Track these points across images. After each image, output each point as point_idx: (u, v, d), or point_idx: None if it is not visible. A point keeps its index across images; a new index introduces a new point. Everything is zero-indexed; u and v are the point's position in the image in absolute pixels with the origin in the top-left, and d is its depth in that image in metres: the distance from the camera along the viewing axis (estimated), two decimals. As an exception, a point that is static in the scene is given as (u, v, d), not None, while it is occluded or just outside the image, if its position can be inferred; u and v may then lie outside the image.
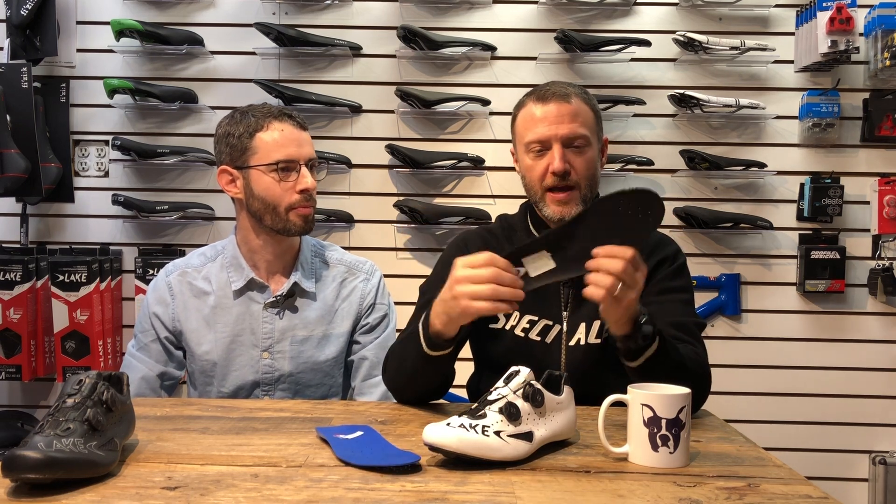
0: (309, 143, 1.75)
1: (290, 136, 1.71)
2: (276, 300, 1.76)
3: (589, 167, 1.57)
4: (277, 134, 1.71)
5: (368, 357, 1.80)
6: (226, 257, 1.80)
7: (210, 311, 1.77)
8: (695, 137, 2.89)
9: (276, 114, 1.73)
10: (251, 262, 1.78)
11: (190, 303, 1.78)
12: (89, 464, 1.01)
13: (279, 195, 1.70)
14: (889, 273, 2.81)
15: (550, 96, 1.57)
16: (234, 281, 1.77)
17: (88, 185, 2.91)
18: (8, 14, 2.72)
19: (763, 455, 1.22)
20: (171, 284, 1.80)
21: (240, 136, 1.72)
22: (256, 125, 1.71)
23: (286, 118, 1.73)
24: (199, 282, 1.79)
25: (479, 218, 2.82)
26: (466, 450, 1.09)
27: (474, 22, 2.90)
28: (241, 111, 1.76)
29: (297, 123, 1.74)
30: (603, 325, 1.57)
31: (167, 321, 1.78)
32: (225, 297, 1.77)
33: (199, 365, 1.78)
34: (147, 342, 1.79)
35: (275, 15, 2.90)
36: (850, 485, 2.85)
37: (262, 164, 1.70)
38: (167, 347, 1.79)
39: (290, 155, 1.70)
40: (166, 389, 1.80)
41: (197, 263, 1.82)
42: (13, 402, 2.90)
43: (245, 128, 1.72)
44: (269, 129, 1.71)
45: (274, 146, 1.70)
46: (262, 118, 1.72)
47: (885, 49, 2.74)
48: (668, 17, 2.89)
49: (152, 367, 1.77)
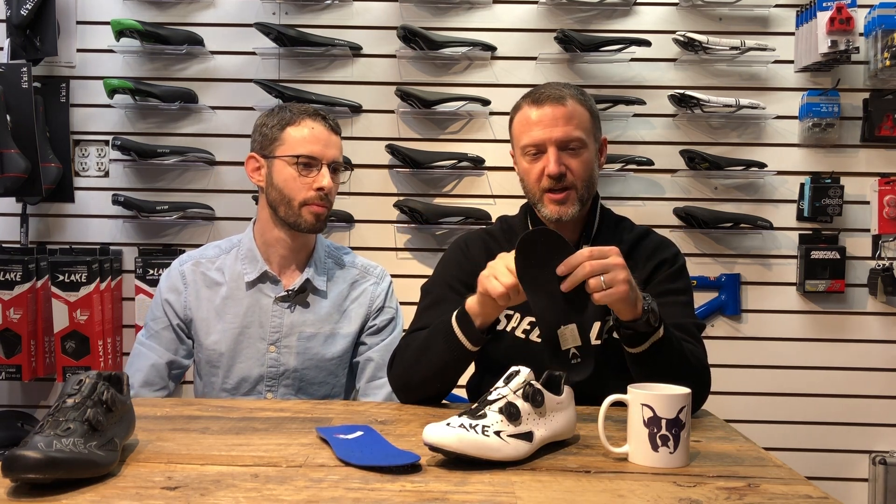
0: (336, 147, 1.79)
1: (318, 134, 1.76)
2: (287, 294, 1.78)
3: (585, 169, 1.58)
4: (307, 131, 1.76)
5: (374, 359, 1.81)
6: (241, 249, 1.84)
7: (221, 302, 1.80)
8: (695, 137, 2.89)
9: (311, 112, 1.79)
10: (266, 256, 1.81)
11: (202, 292, 1.81)
12: (89, 464, 1.01)
13: (296, 189, 1.74)
14: (889, 273, 2.81)
15: (545, 99, 1.57)
16: (247, 273, 1.80)
17: (88, 185, 2.91)
18: (8, 14, 2.72)
19: (763, 455, 1.22)
20: (184, 273, 1.83)
21: (272, 126, 1.78)
22: (290, 119, 1.77)
23: (319, 118, 1.79)
24: (213, 272, 1.82)
25: (479, 218, 2.82)
26: (466, 450, 1.09)
27: (474, 22, 2.90)
28: (281, 106, 1.83)
29: (328, 125, 1.79)
30: (603, 327, 1.57)
31: (179, 309, 1.81)
32: (237, 289, 1.80)
33: (205, 355, 1.80)
34: (158, 329, 1.81)
35: (275, 15, 2.90)
36: (850, 485, 2.85)
37: (286, 156, 1.75)
38: (178, 335, 1.82)
39: (314, 152, 1.75)
40: (174, 379, 1.83)
41: (211, 254, 1.86)
42: (13, 402, 2.90)
43: (279, 120, 1.78)
44: (300, 125, 1.77)
45: (300, 141, 1.75)
46: (296, 114, 1.78)
47: (885, 49, 2.74)
48: (668, 17, 2.89)
49: (162, 354, 1.80)
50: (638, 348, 1.37)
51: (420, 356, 1.50)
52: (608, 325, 1.58)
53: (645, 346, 1.36)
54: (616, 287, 1.29)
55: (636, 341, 1.37)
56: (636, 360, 1.39)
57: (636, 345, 1.37)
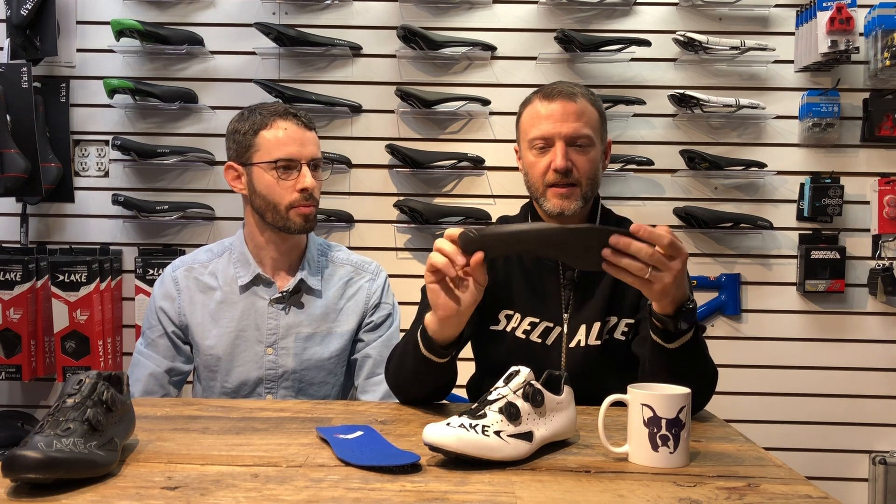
0: (313, 143, 1.76)
1: (292, 135, 1.73)
2: (281, 296, 1.77)
3: (591, 166, 1.58)
4: (281, 132, 1.72)
5: (372, 355, 1.80)
6: (233, 253, 1.82)
7: (216, 307, 1.79)
8: (695, 137, 2.89)
9: (282, 112, 1.75)
10: (258, 259, 1.80)
11: (196, 298, 1.80)
12: (89, 464, 1.01)
13: (279, 193, 1.72)
14: (889, 273, 2.81)
15: (556, 95, 1.58)
16: (240, 276, 1.79)
17: (88, 185, 2.91)
18: (8, 14, 2.72)
19: (763, 455, 1.22)
20: (177, 279, 1.82)
21: (245, 133, 1.74)
22: (261, 123, 1.73)
23: (291, 117, 1.74)
24: (206, 277, 1.81)
25: (479, 218, 2.82)
26: (466, 450, 1.09)
27: (474, 22, 2.90)
28: (250, 109, 1.78)
29: (301, 123, 1.75)
30: (603, 327, 1.57)
31: (173, 316, 1.80)
32: (231, 293, 1.79)
33: (203, 359, 1.79)
34: (154, 338, 1.81)
35: (275, 15, 2.90)
36: (850, 485, 2.85)
37: (263, 162, 1.72)
38: (174, 342, 1.80)
39: (291, 154, 1.72)
40: (175, 385, 1.82)
41: (204, 259, 1.84)
42: (13, 402, 2.90)
43: (250, 125, 1.74)
44: (273, 127, 1.73)
45: (276, 144, 1.72)
46: (267, 116, 1.74)
47: (885, 49, 2.74)
48: (668, 17, 2.89)
49: (160, 363, 1.79)
50: (669, 344, 1.32)
51: (400, 365, 1.50)
52: (609, 326, 1.58)
53: (676, 343, 1.32)
54: (655, 284, 1.23)
55: (668, 337, 1.32)
56: (661, 352, 1.33)
57: (668, 340, 1.32)
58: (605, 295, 1.57)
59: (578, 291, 1.59)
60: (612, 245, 1.22)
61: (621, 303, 1.58)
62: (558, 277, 1.60)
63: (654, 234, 1.21)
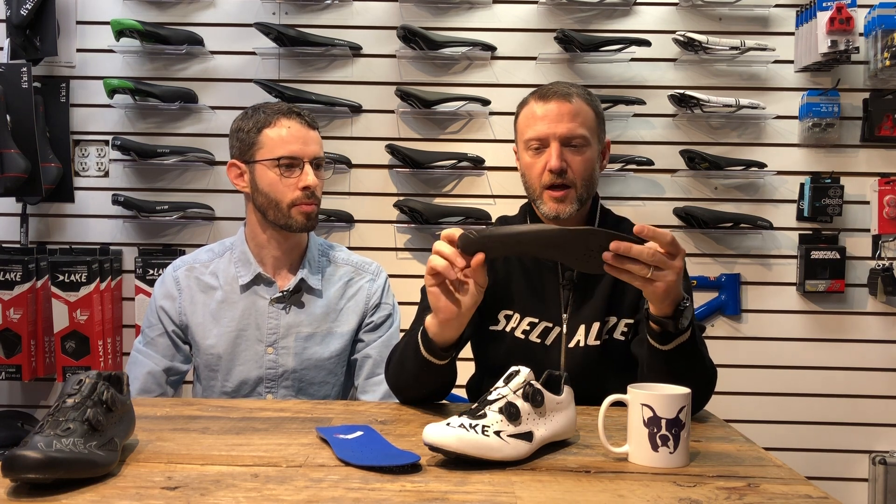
0: (316, 142, 1.77)
1: (295, 133, 1.74)
2: (282, 295, 1.78)
3: (586, 167, 1.58)
4: (284, 131, 1.73)
5: (372, 355, 1.81)
6: (234, 252, 1.83)
7: (217, 306, 1.79)
8: (695, 137, 2.89)
9: (285, 111, 1.76)
10: (259, 258, 1.81)
11: (197, 297, 1.80)
12: (89, 464, 1.01)
13: (282, 191, 1.73)
14: (889, 273, 2.81)
15: (552, 95, 1.58)
16: (241, 276, 1.80)
17: (88, 185, 2.91)
18: (8, 14, 2.72)
19: (763, 455, 1.22)
20: (178, 279, 1.82)
21: (248, 131, 1.76)
22: (265, 121, 1.75)
23: (294, 116, 1.75)
24: (207, 277, 1.82)
25: (479, 218, 2.82)
26: (466, 450, 1.09)
27: (474, 22, 2.90)
28: (254, 107, 1.80)
29: (305, 122, 1.76)
30: (602, 327, 1.57)
31: (174, 315, 1.80)
32: (232, 292, 1.79)
33: (204, 359, 1.80)
34: (154, 336, 1.81)
35: (275, 15, 2.90)
36: (850, 485, 2.85)
37: (266, 160, 1.73)
38: (174, 341, 1.81)
39: (294, 152, 1.73)
40: (172, 385, 1.82)
41: (205, 259, 1.85)
42: (13, 402, 2.90)
43: (254, 123, 1.75)
44: (276, 125, 1.74)
45: (279, 142, 1.73)
46: (271, 115, 1.75)
47: (885, 49, 2.74)
48: (668, 17, 2.89)
49: (158, 361, 1.79)
50: (664, 346, 1.32)
51: (400, 366, 1.50)
52: (608, 326, 1.58)
53: (671, 345, 1.32)
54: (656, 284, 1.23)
55: (663, 339, 1.32)
56: (657, 355, 1.34)
57: (663, 342, 1.32)
58: (604, 295, 1.57)
59: (578, 291, 1.59)
60: (613, 250, 1.22)
61: (621, 303, 1.58)
62: (558, 277, 1.60)
63: (657, 233, 1.22)
